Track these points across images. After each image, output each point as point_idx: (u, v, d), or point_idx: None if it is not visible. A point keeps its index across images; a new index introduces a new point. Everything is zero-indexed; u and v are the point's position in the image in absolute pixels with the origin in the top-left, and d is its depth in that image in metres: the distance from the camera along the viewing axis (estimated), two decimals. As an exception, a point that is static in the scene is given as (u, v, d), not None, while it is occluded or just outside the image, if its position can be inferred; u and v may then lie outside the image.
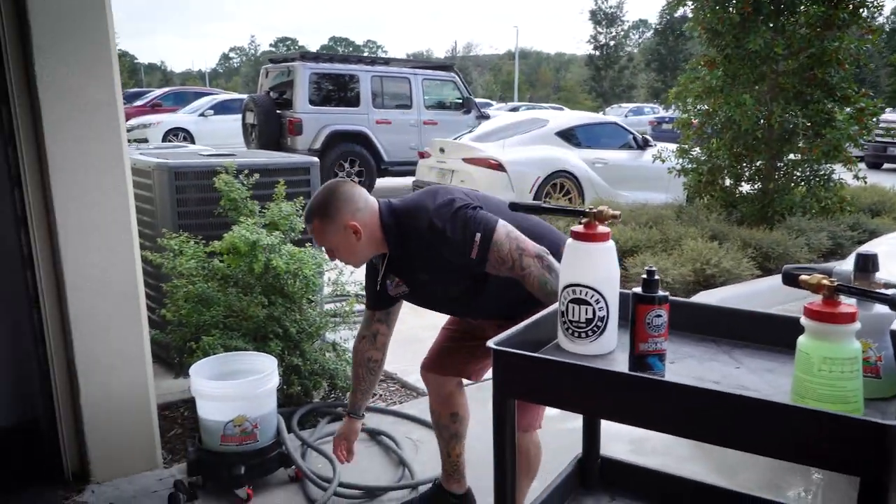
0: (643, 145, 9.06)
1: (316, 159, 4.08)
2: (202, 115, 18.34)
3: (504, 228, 1.94)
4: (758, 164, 7.28)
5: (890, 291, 1.35)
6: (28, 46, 2.44)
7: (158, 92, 23.03)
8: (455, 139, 9.05)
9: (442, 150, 8.67)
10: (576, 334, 1.49)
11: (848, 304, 1.20)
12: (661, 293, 1.34)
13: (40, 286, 2.60)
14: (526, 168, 8.07)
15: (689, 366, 1.46)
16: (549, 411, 3.39)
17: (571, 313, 1.49)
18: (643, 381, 1.27)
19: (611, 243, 1.51)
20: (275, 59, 11.91)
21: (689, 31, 7.54)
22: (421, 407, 3.43)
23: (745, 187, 7.52)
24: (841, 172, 7.27)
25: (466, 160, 8.23)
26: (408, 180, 9.50)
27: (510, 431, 1.40)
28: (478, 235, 1.92)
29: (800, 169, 7.22)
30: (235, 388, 2.60)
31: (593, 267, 1.49)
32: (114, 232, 2.64)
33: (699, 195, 7.63)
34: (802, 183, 7.26)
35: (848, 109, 6.97)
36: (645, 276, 1.35)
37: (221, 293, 3.10)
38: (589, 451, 1.77)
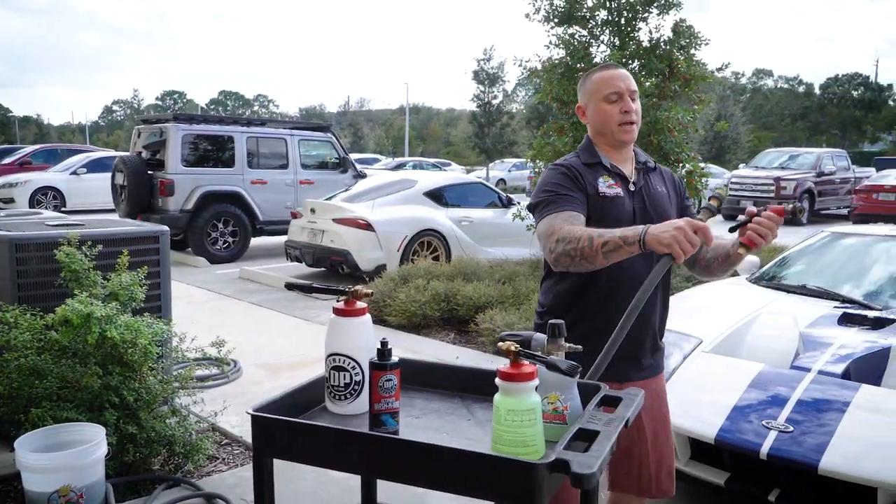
0: (507, 204, 9.56)
1: (166, 228, 4.18)
2: (74, 173, 17.86)
3: None
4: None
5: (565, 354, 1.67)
6: None
7: (29, 149, 22.21)
8: (326, 200, 9.27)
9: (313, 211, 8.87)
10: (337, 397, 1.73)
11: (529, 365, 1.49)
12: (392, 361, 1.60)
13: None
14: (393, 227, 8.38)
15: (428, 420, 1.71)
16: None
17: (333, 378, 1.73)
18: (363, 436, 1.52)
19: (366, 317, 1.76)
20: (148, 119, 11.85)
21: (540, 100, 8.10)
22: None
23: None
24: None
25: (336, 220, 8.45)
26: (283, 239, 9.63)
27: (268, 494, 1.60)
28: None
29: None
30: (58, 460, 2.66)
31: (350, 338, 1.74)
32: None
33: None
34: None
35: (681, 172, 7.68)
36: (379, 347, 1.61)
37: (55, 365, 3.16)
38: (367, 500, 1.99)
